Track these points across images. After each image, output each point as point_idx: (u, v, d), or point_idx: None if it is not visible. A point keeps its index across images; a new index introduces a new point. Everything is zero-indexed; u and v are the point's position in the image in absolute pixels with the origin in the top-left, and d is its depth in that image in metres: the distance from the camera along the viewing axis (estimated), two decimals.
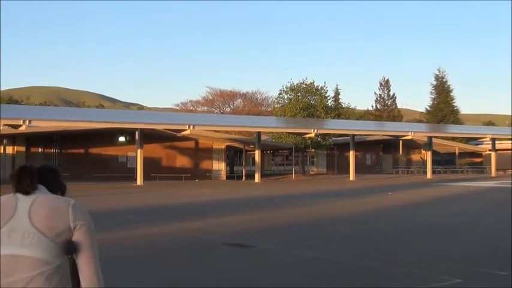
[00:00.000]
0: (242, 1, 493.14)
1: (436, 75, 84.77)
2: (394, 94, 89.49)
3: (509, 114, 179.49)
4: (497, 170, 56.06)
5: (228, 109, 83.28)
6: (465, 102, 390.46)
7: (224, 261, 6.97)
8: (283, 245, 10.08)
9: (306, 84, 57.48)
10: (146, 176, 39.51)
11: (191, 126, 39.56)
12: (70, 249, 2.36)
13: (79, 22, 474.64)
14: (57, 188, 2.69)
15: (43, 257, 2.31)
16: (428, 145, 53.49)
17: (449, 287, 7.41)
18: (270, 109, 75.54)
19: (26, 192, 2.45)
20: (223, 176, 51.25)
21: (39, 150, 46.45)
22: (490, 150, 59.29)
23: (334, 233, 7.92)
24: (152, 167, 45.03)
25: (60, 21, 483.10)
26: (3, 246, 2.30)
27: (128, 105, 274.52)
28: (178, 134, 43.30)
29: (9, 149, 44.58)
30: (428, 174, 50.57)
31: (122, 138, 47.16)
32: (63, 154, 46.81)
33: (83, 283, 2.36)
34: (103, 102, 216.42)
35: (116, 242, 11.76)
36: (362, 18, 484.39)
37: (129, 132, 45.24)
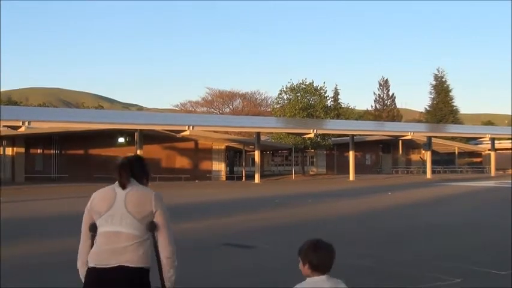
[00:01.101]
0: (241, 2, 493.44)
1: (436, 75, 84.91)
2: (393, 94, 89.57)
3: (509, 113, 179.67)
4: (496, 169, 56.07)
5: (227, 110, 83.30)
6: (464, 102, 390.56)
7: (225, 261, 6.97)
8: (284, 245, 10.08)
9: (305, 85, 57.49)
10: None
11: (190, 127, 39.56)
12: (152, 228, 3.44)
13: (78, 23, 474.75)
14: (143, 174, 3.76)
15: (134, 233, 3.38)
16: (428, 145, 53.51)
17: (449, 287, 7.40)
18: (269, 109, 75.52)
19: (123, 186, 3.54)
20: (223, 177, 51.25)
21: (39, 151, 46.45)
22: (489, 150, 59.33)
23: (333, 233, 7.94)
24: (152, 167, 44.82)
25: (60, 22, 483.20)
26: (108, 226, 3.40)
27: (127, 106, 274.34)
28: (178, 135, 43.28)
29: (9, 150, 44.57)
30: (428, 174, 50.59)
31: (121, 139, 47.16)
32: (63, 155, 46.80)
33: (161, 253, 3.44)
34: (102, 103, 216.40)
35: None
36: (361, 19, 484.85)
37: (128, 133, 45.23)
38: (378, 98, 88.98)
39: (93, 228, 3.47)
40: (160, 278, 3.47)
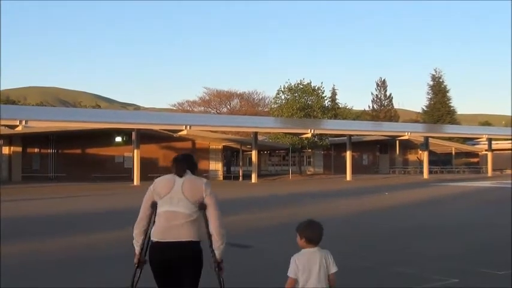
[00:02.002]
0: (239, 2, 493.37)
1: (433, 75, 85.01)
2: (390, 94, 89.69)
3: (506, 114, 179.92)
4: (493, 170, 56.15)
5: (224, 109, 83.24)
6: (461, 103, 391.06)
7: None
8: (282, 245, 10.09)
9: (303, 85, 57.54)
10: (143, 177, 39.38)
11: (188, 127, 39.52)
12: (202, 207, 4.37)
13: (76, 22, 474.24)
14: (194, 166, 4.63)
15: (189, 212, 4.32)
16: (425, 145, 53.52)
17: (445, 287, 7.41)
18: (266, 109, 75.53)
19: (180, 176, 4.43)
20: (220, 177, 51.22)
21: (36, 150, 46.36)
22: (486, 150, 59.40)
23: (331, 233, 7.95)
24: (149, 167, 44.89)
25: (57, 22, 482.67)
26: (167, 206, 4.33)
27: (124, 106, 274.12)
28: (175, 135, 43.23)
29: (6, 150, 44.46)
30: (425, 175, 50.62)
31: (118, 139, 47.08)
32: (60, 154, 46.73)
33: (210, 227, 4.35)
34: (100, 102, 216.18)
35: (113, 241, 11.74)
36: (359, 19, 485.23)
37: (125, 133, 45.16)
38: (375, 98, 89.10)
39: (154, 205, 4.43)
40: (211, 249, 4.37)
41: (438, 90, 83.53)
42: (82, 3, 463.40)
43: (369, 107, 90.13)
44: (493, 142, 58.71)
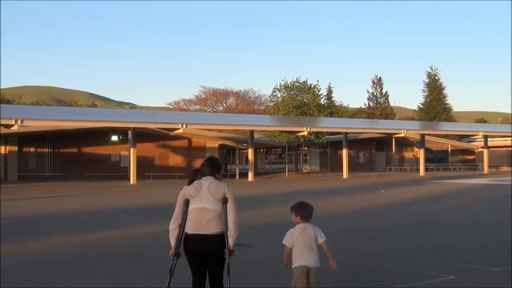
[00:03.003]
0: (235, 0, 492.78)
1: (429, 72, 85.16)
2: (386, 92, 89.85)
3: (501, 111, 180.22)
4: (489, 167, 56.30)
5: (220, 108, 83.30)
6: (457, 100, 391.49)
7: None
8: (280, 243, 10.11)
9: (299, 83, 57.57)
10: (139, 175, 39.45)
11: (184, 125, 39.49)
12: (224, 201, 5.25)
13: (71, 21, 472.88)
14: (219, 167, 5.66)
15: (214, 208, 5.20)
16: (421, 143, 53.65)
17: (442, 284, 7.43)
18: (263, 107, 75.59)
19: (204, 175, 5.45)
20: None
21: (32, 149, 46.29)
22: (482, 147, 59.54)
23: (328, 230, 7.94)
24: (145, 166, 44.96)
25: (52, 20, 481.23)
26: (198, 203, 5.21)
27: (120, 104, 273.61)
28: (171, 133, 43.25)
29: (1, 149, 44.38)
30: (421, 172, 50.75)
31: (114, 137, 47.06)
32: (56, 154, 46.67)
33: (228, 217, 5.21)
34: (95, 101, 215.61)
35: (110, 241, 11.74)
36: (354, 16, 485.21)
37: (121, 131, 45.13)
38: (371, 96, 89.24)
39: (187, 203, 5.29)
40: (226, 236, 5.18)
41: (434, 88, 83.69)
42: (77, 1, 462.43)
43: (365, 104, 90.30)
44: (489, 139, 58.86)
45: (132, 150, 39.28)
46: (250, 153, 45.03)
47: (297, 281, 5.44)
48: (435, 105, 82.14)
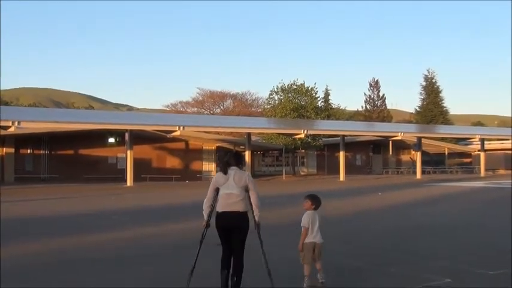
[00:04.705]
0: (232, 2, 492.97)
1: (426, 76, 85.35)
2: (383, 95, 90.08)
3: (498, 114, 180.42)
4: (486, 170, 56.41)
5: (218, 110, 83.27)
6: (454, 103, 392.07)
7: (216, 262, 7.04)
8: (277, 246, 10.09)
9: (296, 85, 57.58)
10: (136, 177, 39.41)
11: (181, 127, 39.48)
12: (247, 190, 6.71)
13: (68, 23, 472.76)
14: (242, 160, 7.20)
15: (239, 193, 6.66)
16: (418, 145, 53.71)
17: (438, 287, 7.44)
18: (260, 110, 75.57)
19: (229, 166, 6.81)
20: None
21: (29, 151, 46.20)
22: (479, 150, 59.65)
23: (325, 233, 7.92)
24: (142, 168, 44.92)
25: (50, 22, 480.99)
26: (226, 189, 6.66)
27: (117, 106, 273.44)
28: (168, 135, 43.19)
29: None
30: (418, 175, 50.80)
31: (111, 140, 47.03)
32: (53, 155, 46.59)
33: (252, 202, 6.74)
34: (92, 103, 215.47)
35: (107, 243, 11.73)
36: (351, 19, 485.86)
37: (118, 133, 45.10)
38: (368, 99, 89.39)
39: (217, 190, 6.75)
40: (253, 215, 6.77)
41: (431, 91, 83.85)
42: (74, 3, 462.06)
43: (362, 107, 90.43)
44: (485, 142, 58.94)
45: (129, 152, 39.26)
46: (248, 155, 45.01)
47: (306, 254, 7.25)
48: (432, 108, 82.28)
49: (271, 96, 58.92)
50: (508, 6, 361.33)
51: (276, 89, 58.02)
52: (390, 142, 63.71)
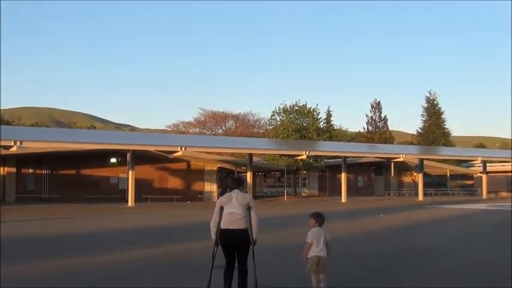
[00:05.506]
0: (235, 22, 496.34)
1: (427, 97, 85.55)
2: (385, 116, 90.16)
3: (500, 136, 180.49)
4: (488, 192, 56.25)
5: (220, 130, 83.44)
6: (456, 125, 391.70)
7: (214, 282, 7.20)
8: (277, 266, 10.06)
9: (298, 106, 57.75)
10: (138, 198, 39.37)
11: (183, 148, 39.50)
12: (248, 209, 7.52)
13: (70, 42, 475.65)
14: (242, 182, 8.08)
15: (240, 212, 7.47)
16: (420, 167, 53.67)
17: None
18: (262, 131, 75.69)
19: (232, 189, 7.69)
20: (215, 198, 50.99)
21: (30, 171, 46.22)
22: (481, 172, 59.55)
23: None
24: (144, 188, 44.90)
25: (52, 41, 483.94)
26: (230, 209, 7.49)
27: (119, 126, 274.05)
28: (170, 156, 43.19)
29: (0, 170, 44.31)
30: (420, 197, 50.69)
31: (113, 160, 47.06)
32: (54, 175, 46.59)
33: (252, 221, 7.52)
34: (95, 123, 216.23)
35: (110, 263, 11.67)
36: (353, 40, 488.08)
37: (120, 154, 45.14)
38: (370, 120, 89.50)
39: (222, 209, 7.49)
40: (250, 233, 7.44)
41: (433, 113, 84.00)
42: (75, 21, 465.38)
43: (364, 128, 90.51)
44: (487, 164, 58.86)
45: (130, 172, 39.27)
46: (249, 176, 44.99)
47: (311, 267, 7.94)
48: (434, 129, 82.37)
49: (273, 117, 59.15)
50: (508, 30, 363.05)
51: (278, 110, 58.24)
52: (392, 164, 63.68)
